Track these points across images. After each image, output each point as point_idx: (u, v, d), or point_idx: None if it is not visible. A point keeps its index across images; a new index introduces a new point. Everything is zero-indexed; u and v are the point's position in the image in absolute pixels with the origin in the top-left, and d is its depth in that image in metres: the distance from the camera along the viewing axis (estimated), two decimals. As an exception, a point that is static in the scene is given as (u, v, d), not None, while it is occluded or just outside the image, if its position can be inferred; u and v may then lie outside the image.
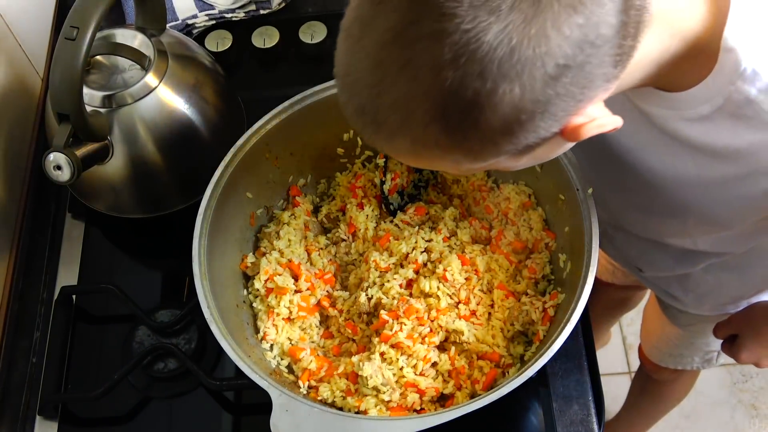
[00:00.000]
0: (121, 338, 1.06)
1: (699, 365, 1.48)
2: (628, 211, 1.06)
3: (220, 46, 1.29)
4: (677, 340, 1.43)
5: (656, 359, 1.54)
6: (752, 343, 1.14)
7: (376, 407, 0.90)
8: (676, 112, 0.77)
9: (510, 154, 0.65)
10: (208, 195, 0.97)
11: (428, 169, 1.09)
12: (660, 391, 1.67)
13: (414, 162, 0.70)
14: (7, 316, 1.09)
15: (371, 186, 1.09)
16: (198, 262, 0.92)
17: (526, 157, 0.67)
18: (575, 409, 0.98)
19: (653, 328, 1.52)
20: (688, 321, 1.34)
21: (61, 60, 0.91)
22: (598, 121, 0.65)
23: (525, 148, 0.64)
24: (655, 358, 1.54)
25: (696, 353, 1.44)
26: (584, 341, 1.02)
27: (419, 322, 0.94)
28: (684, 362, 1.48)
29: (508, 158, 0.66)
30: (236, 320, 0.96)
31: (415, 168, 1.09)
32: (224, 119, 1.13)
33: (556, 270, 0.99)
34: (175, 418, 1.02)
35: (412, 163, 0.72)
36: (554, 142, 0.66)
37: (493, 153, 0.64)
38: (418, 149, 0.64)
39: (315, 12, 1.35)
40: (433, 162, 0.68)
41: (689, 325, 1.35)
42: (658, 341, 1.51)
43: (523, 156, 0.66)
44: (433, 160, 0.67)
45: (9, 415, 1.03)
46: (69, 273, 1.13)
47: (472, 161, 0.66)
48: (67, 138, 0.95)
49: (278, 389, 0.84)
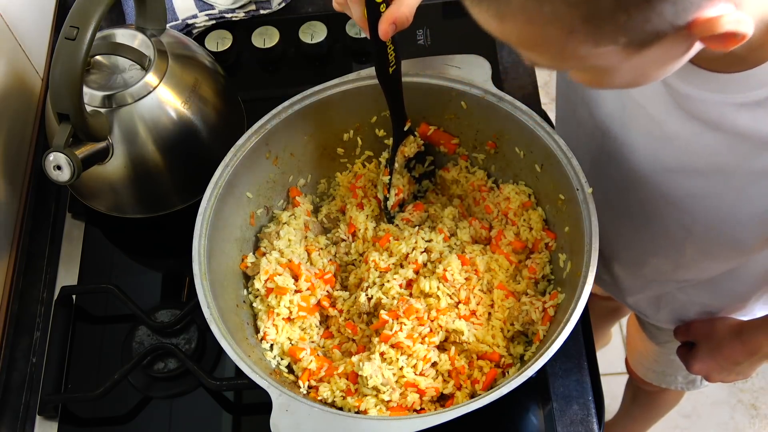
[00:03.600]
0: (121, 338, 1.06)
1: (683, 386, 1.46)
2: (618, 239, 1.06)
3: (220, 46, 1.29)
4: (657, 356, 1.42)
5: (641, 374, 1.53)
6: (707, 356, 1.13)
7: (376, 407, 0.90)
8: (724, 95, 0.73)
9: (628, 43, 0.59)
10: (208, 195, 0.97)
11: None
12: (650, 400, 1.66)
13: (522, 32, 0.62)
14: (7, 316, 1.09)
15: (371, 186, 1.09)
16: (198, 262, 0.92)
17: (639, 56, 0.61)
18: (575, 409, 0.98)
19: (635, 342, 1.52)
20: (664, 338, 1.33)
21: (61, 60, 0.91)
22: (733, 16, 0.58)
23: (647, 38, 0.59)
24: (640, 372, 1.53)
25: (678, 372, 1.43)
26: (584, 341, 1.02)
27: (419, 322, 0.94)
28: (667, 380, 1.47)
29: (623, 50, 0.60)
30: (236, 320, 0.96)
31: (415, 178, 1.09)
32: (224, 119, 1.13)
33: (556, 270, 0.99)
34: (175, 418, 1.02)
35: (515, 36, 0.63)
36: (675, 44, 0.61)
37: (614, 31, 0.58)
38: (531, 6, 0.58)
39: (315, 12, 1.35)
40: (545, 29, 0.60)
41: (666, 342, 1.34)
42: (640, 356, 1.50)
43: (638, 53, 0.61)
44: (546, 27, 0.59)
45: (9, 415, 1.03)
46: (69, 273, 1.13)
47: (587, 35, 0.59)
48: (67, 138, 0.95)
49: (278, 389, 0.84)
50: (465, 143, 1.08)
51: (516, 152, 1.02)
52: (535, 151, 0.99)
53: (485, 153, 1.07)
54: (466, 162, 1.09)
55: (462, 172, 1.09)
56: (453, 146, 1.08)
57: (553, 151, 0.96)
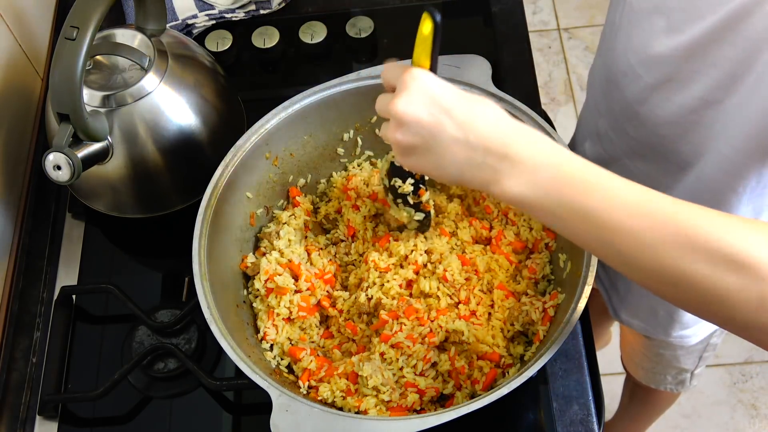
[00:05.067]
0: (121, 338, 1.06)
1: (672, 387, 1.46)
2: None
3: (220, 46, 1.29)
4: (646, 350, 1.42)
5: (631, 371, 1.54)
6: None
7: (375, 407, 0.90)
8: None
9: None
10: (208, 195, 0.97)
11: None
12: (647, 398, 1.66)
13: None
14: (7, 316, 1.09)
15: (364, 186, 1.09)
16: (198, 262, 0.92)
17: None
18: (575, 409, 0.98)
19: (626, 336, 1.52)
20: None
21: (61, 60, 0.91)
22: None
23: None
24: (632, 370, 1.54)
25: (667, 370, 1.42)
26: (584, 341, 1.02)
27: (419, 322, 0.94)
28: (657, 380, 1.47)
29: None
30: (236, 320, 0.96)
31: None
32: (224, 119, 1.13)
33: (556, 270, 0.99)
34: (175, 418, 1.02)
35: None
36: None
37: None
38: None
39: (315, 12, 1.35)
40: None
41: (655, 336, 1.34)
42: (631, 350, 1.50)
43: None
44: None
45: (9, 415, 1.03)
46: (69, 273, 1.13)
47: None
48: (67, 138, 0.95)
49: (278, 389, 0.84)
50: (465, 143, 1.07)
51: (516, 152, 1.02)
52: (535, 151, 0.99)
53: (485, 153, 1.07)
54: (466, 162, 1.09)
55: (462, 172, 1.08)
56: (453, 146, 1.08)
57: (553, 151, 0.96)
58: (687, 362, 1.37)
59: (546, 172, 0.70)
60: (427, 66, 0.77)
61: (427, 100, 0.72)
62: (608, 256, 0.71)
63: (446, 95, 0.72)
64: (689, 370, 1.40)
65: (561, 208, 0.70)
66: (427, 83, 0.73)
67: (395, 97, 0.73)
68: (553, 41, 2.67)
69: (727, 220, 0.66)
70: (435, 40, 0.76)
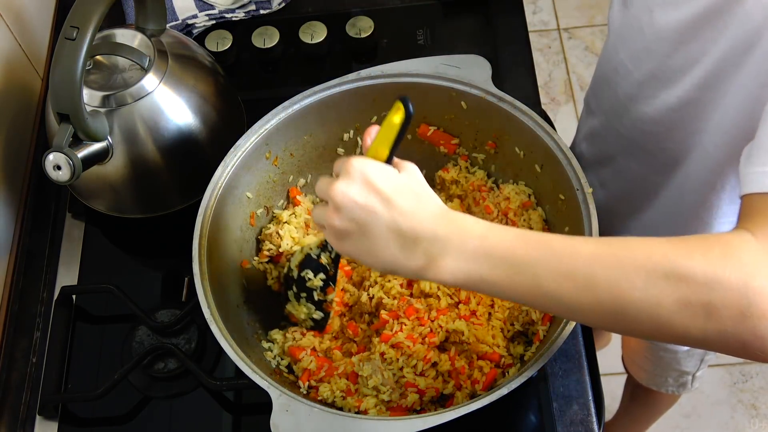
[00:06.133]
0: (121, 338, 1.06)
1: (674, 389, 1.46)
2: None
3: (220, 46, 1.29)
4: (647, 352, 1.42)
5: (633, 373, 1.53)
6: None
7: (375, 407, 0.90)
8: None
9: None
10: (208, 195, 0.97)
11: None
12: (648, 399, 1.66)
13: None
14: (7, 316, 1.09)
15: None
16: (198, 262, 0.92)
17: None
18: (575, 409, 0.98)
19: (626, 339, 1.52)
20: None
21: (61, 60, 0.91)
22: None
23: None
24: (633, 371, 1.53)
25: (669, 373, 1.42)
26: (584, 341, 1.02)
27: (419, 322, 0.94)
28: (658, 382, 1.47)
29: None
30: (236, 320, 0.96)
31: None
32: (224, 119, 1.13)
33: (556, 270, 0.99)
34: (175, 418, 1.02)
35: None
36: None
37: None
38: None
39: (315, 12, 1.35)
40: None
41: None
42: (633, 352, 1.50)
43: None
44: None
45: (9, 415, 1.03)
46: (69, 273, 1.13)
47: None
48: (67, 138, 0.95)
49: (278, 389, 0.84)
50: (465, 143, 1.08)
51: (516, 152, 1.02)
52: (535, 151, 1.00)
53: (485, 153, 1.07)
54: (466, 162, 1.09)
55: (462, 172, 1.09)
56: (453, 146, 1.08)
57: (553, 151, 0.96)
58: (688, 365, 1.37)
59: (473, 242, 0.70)
60: (385, 155, 0.75)
61: (366, 187, 0.72)
62: (552, 311, 0.72)
63: (387, 184, 0.72)
64: (691, 372, 1.40)
65: (493, 272, 0.70)
66: (369, 171, 0.72)
67: (336, 180, 0.73)
68: (553, 41, 2.66)
69: (649, 240, 0.66)
70: (402, 131, 0.74)
